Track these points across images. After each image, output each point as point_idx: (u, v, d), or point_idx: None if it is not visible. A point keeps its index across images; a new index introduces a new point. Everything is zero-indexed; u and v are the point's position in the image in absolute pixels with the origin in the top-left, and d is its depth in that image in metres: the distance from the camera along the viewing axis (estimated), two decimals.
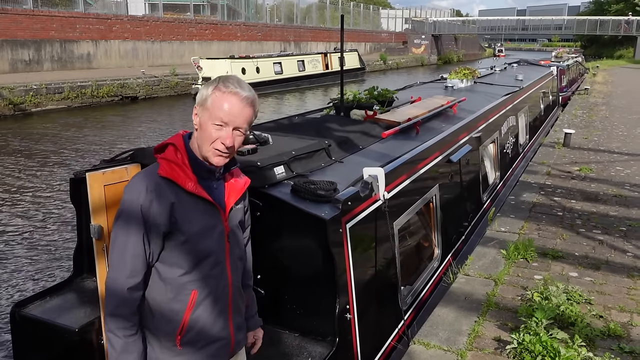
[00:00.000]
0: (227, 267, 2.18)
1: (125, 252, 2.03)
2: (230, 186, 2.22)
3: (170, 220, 2.03)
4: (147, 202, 2.00)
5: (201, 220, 2.08)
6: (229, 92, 2.04)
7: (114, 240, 2.07)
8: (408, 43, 58.79)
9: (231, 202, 2.20)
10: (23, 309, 3.40)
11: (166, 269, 2.08)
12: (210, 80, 2.16)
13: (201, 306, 2.12)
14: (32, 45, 24.05)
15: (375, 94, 5.77)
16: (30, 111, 19.13)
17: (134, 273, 2.05)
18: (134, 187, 2.05)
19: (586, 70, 29.92)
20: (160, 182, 2.03)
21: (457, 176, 5.53)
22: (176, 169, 2.05)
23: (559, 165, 8.67)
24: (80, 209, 3.51)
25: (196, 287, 2.10)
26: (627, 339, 3.67)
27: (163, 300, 2.09)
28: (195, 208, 2.07)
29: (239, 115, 2.05)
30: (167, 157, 2.08)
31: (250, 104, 2.08)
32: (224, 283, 2.18)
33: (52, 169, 12.13)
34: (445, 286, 4.55)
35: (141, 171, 2.15)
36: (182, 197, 2.05)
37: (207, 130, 2.05)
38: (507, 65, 14.68)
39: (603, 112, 15.19)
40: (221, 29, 35.45)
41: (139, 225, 2.02)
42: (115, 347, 2.07)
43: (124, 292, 2.04)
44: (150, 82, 24.12)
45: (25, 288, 6.59)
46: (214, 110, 2.04)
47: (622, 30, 58.11)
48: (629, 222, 6.01)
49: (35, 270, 7.07)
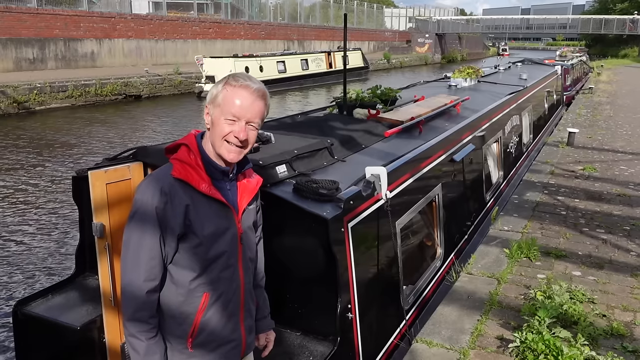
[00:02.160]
0: (240, 269, 2.17)
1: (141, 255, 2.01)
2: (243, 187, 2.20)
3: (185, 222, 2.01)
4: (162, 204, 1.99)
5: (215, 223, 2.07)
6: (239, 86, 2.03)
7: (128, 242, 2.03)
8: (412, 42, 58.71)
9: (244, 203, 2.18)
10: (25, 306, 3.41)
11: (178, 271, 2.07)
12: (218, 79, 2.15)
13: (212, 308, 2.11)
14: (36, 44, 24.12)
15: (378, 93, 5.76)
16: (34, 109, 19.19)
17: (151, 276, 2.03)
18: (148, 188, 2.02)
19: (590, 70, 29.83)
20: (174, 184, 2.01)
21: (460, 175, 5.52)
22: (190, 170, 2.03)
23: (563, 164, 8.64)
24: (83, 207, 3.51)
25: (208, 289, 2.09)
26: (630, 338, 3.66)
27: (174, 302, 2.08)
28: (208, 210, 2.06)
29: (250, 109, 2.04)
30: (180, 158, 2.06)
31: (261, 97, 2.07)
32: (235, 285, 2.17)
33: (55, 166, 12.16)
34: (448, 285, 4.55)
35: (153, 172, 2.13)
36: (196, 199, 2.03)
37: (220, 126, 2.04)
38: (511, 65, 14.64)
39: (607, 112, 15.13)
40: (225, 27, 35.47)
41: (155, 227, 2.00)
42: (138, 350, 2.05)
43: (143, 296, 2.02)
44: (154, 80, 24.14)
45: (27, 286, 6.61)
46: (225, 105, 2.03)
47: (627, 29, 57.91)
48: (633, 221, 5.99)
49: (37, 269, 7.09)
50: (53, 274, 6.89)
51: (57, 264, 7.24)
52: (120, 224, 3.19)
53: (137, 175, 3.27)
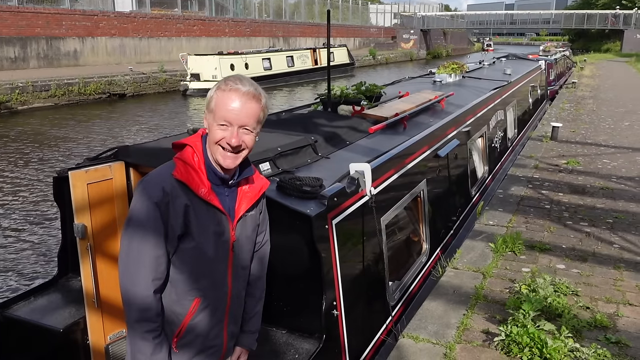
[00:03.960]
0: (229, 276, 2.16)
1: (146, 253, 1.98)
2: (243, 193, 2.17)
3: (184, 222, 2.00)
4: (164, 204, 1.97)
5: (210, 228, 2.06)
6: (229, 90, 1.99)
7: (129, 242, 2.00)
8: (397, 38, 58.85)
9: (242, 210, 2.15)
10: (7, 309, 3.37)
11: (174, 271, 2.06)
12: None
13: (201, 314, 2.11)
14: (18, 43, 23.80)
15: (363, 89, 5.76)
16: (17, 109, 18.95)
17: (158, 274, 2.01)
18: (150, 186, 2.00)
19: (574, 64, 30.09)
20: (175, 184, 2.00)
21: (445, 171, 5.54)
22: (191, 173, 2.01)
23: (547, 158, 8.71)
24: (64, 208, 3.47)
25: (199, 295, 2.09)
26: (613, 329, 3.70)
27: (166, 302, 2.08)
28: (206, 214, 2.04)
29: (242, 112, 1.98)
30: (183, 159, 2.04)
31: (252, 98, 2.00)
32: (223, 292, 2.16)
33: (38, 167, 12.01)
34: (434, 280, 4.56)
35: (155, 170, 2.08)
36: (195, 202, 2.02)
37: (214, 132, 2.01)
38: (496, 60, 14.73)
39: (590, 106, 15.27)
40: (209, 24, 35.26)
41: (158, 224, 1.98)
42: (145, 352, 2.03)
43: (150, 295, 2.00)
44: (138, 79, 23.94)
45: (9, 289, 6.52)
46: (217, 110, 1.99)
47: (610, 24, 58.51)
48: (616, 214, 6.05)
49: (19, 271, 7.00)
50: (36, 276, 6.80)
51: (40, 265, 7.16)
52: (103, 225, 3.16)
53: (118, 175, 3.23)
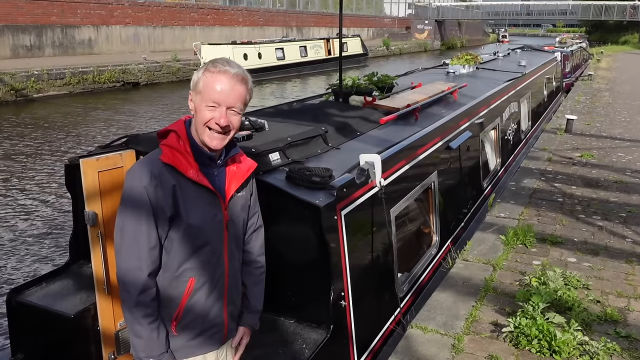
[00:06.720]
0: (225, 256, 2.18)
1: (139, 238, 2.01)
2: (232, 173, 2.20)
3: (174, 204, 2.03)
4: (152, 187, 2.00)
5: (201, 208, 2.08)
6: (217, 72, 2.03)
7: (122, 228, 2.03)
8: (411, 28, 58.34)
9: (232, 190, 2.18)
10: (19, 295, 3.41)
11: (166, 255, 2.08)
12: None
13: (198, 294, 2.12)
14: (33, 31, 23.94)
15: (375, 80, 5.72)
16: (32, 97, 19.10)
17: (152, 257, 2.04)
18: (137, 172, 2.04)
19: (590, 56, 29.70)
20: (162, 168, 2.03)
21: (456, 162, 5.50)
22: (178, 156, 2.05)
23: (561, 151, 8.63)
24: (76, 195, 3.50)
25: (194, 274, 2.10)
26: (623, 323, 3.67)
27: (161, 285, 2.10)
28: (196, 195, 2.07)
29: (231, 94, 2.03)
30: (169, 144, 2.08)
31: (240, 81, 2.06)
32: (220, 271, 2.17)
33: (53, 154, 12.13)
34: (443, 272, 4.55)
35: (143, 157, 2.13)
36: (184, 184, 2.05)
37: (201, 112, 2.05)
38: (510, 51, 14.56)
39: (606, 98, 15.08)
40: (223, 14, 35.20)
41: (148, 208, 2.01)
42: (142, 336, 2.05)
43: (145, 278, 2.03)
44: (152, 67, 24.03)
45: (22, 273, 6.62)
46: (205, 92, 2.03)
47: (628, 16, 57.53)
48: (629, 208, 5.99)
49: (32, 256, 7.10)
50: (48, 262, 6.89)
51: (53, 251, 7.25)
52: (113, 212, 3.18)
53: (129, 163, 3.25)
